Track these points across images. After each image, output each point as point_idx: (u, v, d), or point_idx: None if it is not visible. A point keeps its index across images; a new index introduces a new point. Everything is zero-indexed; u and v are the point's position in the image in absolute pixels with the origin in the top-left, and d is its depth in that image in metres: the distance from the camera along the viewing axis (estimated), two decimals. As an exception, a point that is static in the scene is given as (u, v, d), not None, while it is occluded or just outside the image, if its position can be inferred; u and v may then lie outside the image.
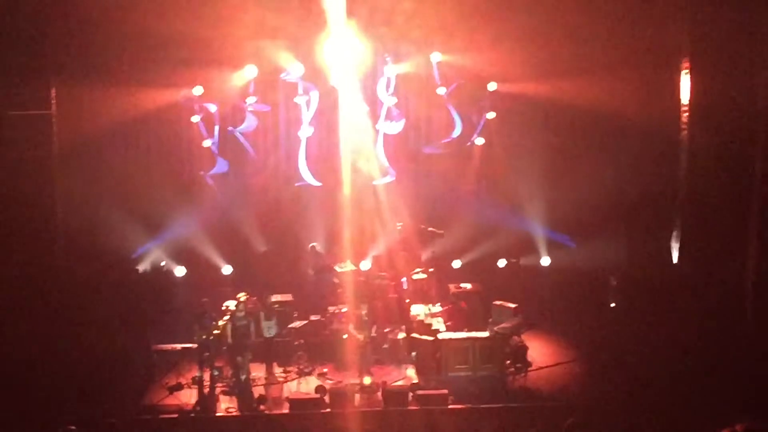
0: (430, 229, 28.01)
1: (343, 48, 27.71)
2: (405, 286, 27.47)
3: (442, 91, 29.70)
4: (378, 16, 27.27)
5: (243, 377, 23.13)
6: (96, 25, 25.71)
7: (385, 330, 25.24)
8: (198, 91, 28.74)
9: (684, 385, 21.58)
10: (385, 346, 24.98)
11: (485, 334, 24.28)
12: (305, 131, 29.61)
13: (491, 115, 30.10)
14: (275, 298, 25.96)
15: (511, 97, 29.56)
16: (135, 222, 28.30)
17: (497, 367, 23.56)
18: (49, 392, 21.47)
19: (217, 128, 29.35)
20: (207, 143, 29.16)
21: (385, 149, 29.80)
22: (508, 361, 23.89)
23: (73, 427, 13.95)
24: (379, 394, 22.35)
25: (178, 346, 23.66)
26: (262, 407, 21.90)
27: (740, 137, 24.62)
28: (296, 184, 29.92)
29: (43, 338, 23.99)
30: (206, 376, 22.61)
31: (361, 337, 23.67)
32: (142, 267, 29.42)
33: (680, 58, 26.81)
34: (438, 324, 25.18)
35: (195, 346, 22.96)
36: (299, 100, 29.51)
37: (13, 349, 23.17)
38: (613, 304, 28.12)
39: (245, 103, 29.27)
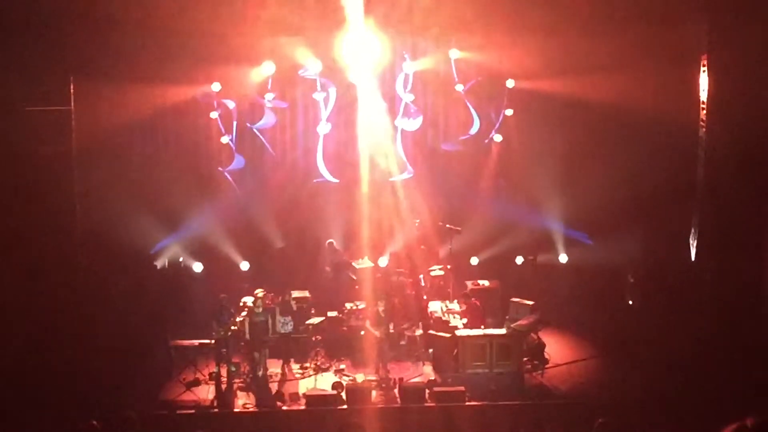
0: (447, 225, 28.03)
1: (361, 45, 27.75)
2: (422, 283, 27.50)
3: (460, 87, 29.69)
4: (396, 12, 27.21)
5: (260, 373, 23.25)
6: (115, 21, 25.72)
7: (403, 326, 25.27)
8: (216, 87, 28.81)
9: (701, 382, 21.55)
10: (403, 342, 25.05)
11: (502, 331, 24.28)
12: (323, 128, 29.65)
13: (509, 111, 30.07)
14: (293, 294, 25.95)
15: (530, 94, 29.49)
16: (153, 218, 28.33)
17: (514, 364, 23.56)
18: (68, 387, 21.53)
19: (235, 124, 29.40)
20: (225, 140, 29.22)
21: (403, 146, 29.82)
22: (526, 359, 23.92)
23: (96, 422, 13.97)
24: (396, 390, 22.39)
25: (196, 341, 23.65)
26: (279, 403, 21.96)
27: (758, 134, 24.55)
28: (314, 181, 29.97)
29: (61, 333, 24.07)
30: (223, 372, 22.69)
31: (378, 333, 23.67)
32: (161, 263, 29.52)
33: (699, 55, 26.73)
34: (455, 321, 25.17)
35: (212, 342, 23.04)
36: (317, 96, 29.54)
37: (32, 344, 23.26)
38: (630, 302, 28.09)
39: (263, 99, 29.31)
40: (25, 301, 24.49)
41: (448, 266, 27.93)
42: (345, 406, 21.59)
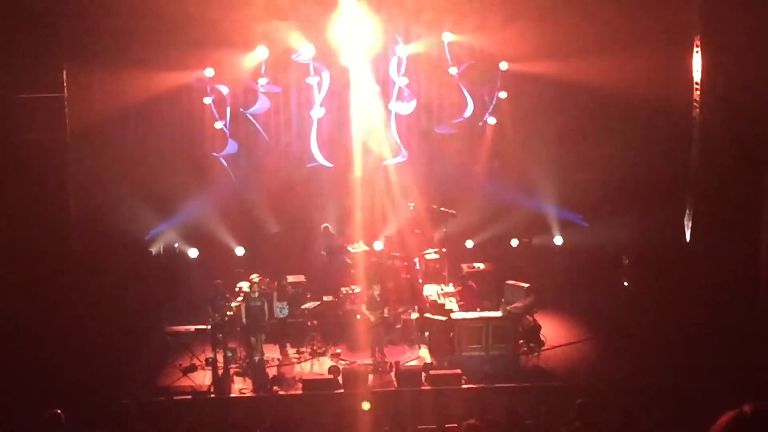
0: (442, 209, 28.02)
1: (354, 28, 27.72)
2: (417, 267, 27.54)
3: (453, 70, 29.70)
4: (389, -4, 27.27)
5: (257, 358, 23.30)
6: (107, 7, 25.71)
7: (398, 310, 25.32)
8: (209, 72, 28.79)
9: (696, 365, 21.60)
10: (398, 326, 25.10)
11: (498, 313, 24.33)
12: (317, 112, 29.64)
13: (503, 94, 30.10)
14: (288, 279, 25.97)
15: (523, 77, 29.53)
16: (147, 204, 28.36)
17: (510, 347, 23.67)
18: (64, 374, 21.52)
19: (228, 109, 29.37)
20: (218, 125, 29.20)
21: (396, 129, 29.82)
22: (521, 341, 23.99)
23: (59, 411, 13.98)
24: (392, 374, 22.45)
25: (192, 327, 23.66)
26: (275, 388, 21.98)
27: (753, 115, 24.53)
28: (308, 165, 29.97)
29: (56, 320, 24.07)
30: (220, 358, 22.65)
31: (373, 317, 23.72)
32: (155, 249, 29.52)
33: (692, 36, 26.73)
34: (451, 304, 25.21)
35: (208, 327, 23.00)
36: (311, 80, 29.52)
37: (26, 332, 23.26)
38: (625, 283, 28.13)
39: (257, 84, 29.29)
40: (20, 288, 24.46)
41: (443, 249, 27.96)
42: (342, 390, 21.61)
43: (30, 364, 21.84)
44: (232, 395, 21.84)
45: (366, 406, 20.33)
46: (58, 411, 13.86)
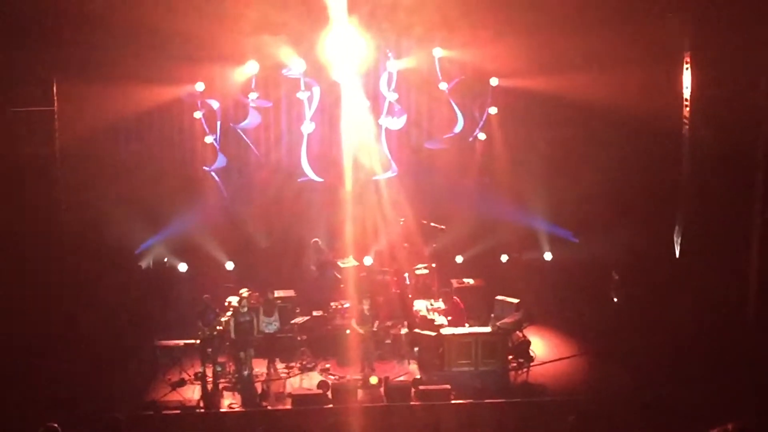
0: (432, 224, 28.15)
1: (345, 43, 27.68)
2: (407, 282, 27.54)
3: (444, 86, 29.74)
4: (379, 11, 27.21)
5: (246, 373, 23.27)
6: (98, 21, 25.64)
7: (388, 325, 25.33)
8: (200, 87, 28.80)
9: (685, 379, 21.62)
10: (388, 341, 25.10)
11: (488, 329, 24.31)
12: (307, 127, 29.64)
13: (493, 110, 30.13)
14: (278, 293, 25.96)
15: (513, 92, 29.59)
16: (138, 218, 28.30)
17: (500, 363, 23.65)
18: (52, 388, 21.50)
19: (219, 124, 29.37)
20: (209, 139, 29.18)
21: (387, 145, 29.82)
22: (511, 357, 23.99)
23: (56, 425, 13.91)
24: (382, 389, 22.42)
25: (181, 342, 23.68)
26: (264, 403, 21.97)
27: (741, 131, 24.60)
28: (298, 180, 29.95)
29: (46, 334, 24.05)
30: (209, 372, 22.70)
31: (363, 332, 23.69)
32: (145, 263, 29.49)
33: (682, 53, 26.80)
34: (440, 319, 25.22)
35: (198, 341, 23.04)
36: (301, 95, 29.52)
37: (17, 345, 23.23)
38: (615, 299, 28.14)
39: (247, 99, 29.29)
40: (10, 301, 24.43)
41: (433, 264, 28.03)
42: (331, 405, 21.59)
43: (20, 378, 21.82)
44: (221, 410, 21.78)
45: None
46: (55, 425, 13.83)
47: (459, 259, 30.30)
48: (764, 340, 23.36)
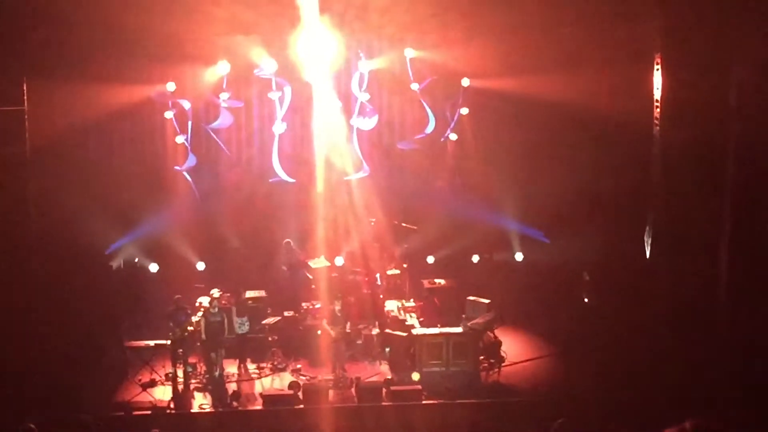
0: (403, 224, 28.20)
1: (317, 44, 27.63)
2: (379, 282, 27.55)
3: (415, 86, 29.77)
4: (351, 11, 27.19)
5: (217, 373, 23.24)
6: (68, 21, 25.54)
7: (359, 326, 25.40)
8: (171, 87, 28.69)
9: (654, 381, 21.69)
10: (359, 341, 25.15)
11: (459, 329, 24.29)
12: (278, 127, 29.59)
13: (465, 110, 30.20)
14: (249, 294, 25.92)
15: (485, 93, 29.64)
16: (108, 218, 28.15)
17: (471, 363, 23.59)
18: (21, 389, 21.38)
19: (190, 124, 29.27)
20: (180, 139, 29.06)
21: (358, 145, 29.80)
22: (482, 357, 23.98)
23: (33, 426, 13.85)
24: (353, 390, 22.41)
25: (152, 342, 23.55)
26: (235, 403, 21.91)
27: (712, 132, 24.64)
28: (270, 180, 29.89)
29: (15, 334, 23.88)
30: (180, 373, 22.60)
31: (334, 333, 23.67)
32: (116, 263, 29.36)
33: (652, 54, 26.86)
34: (411, 320, 25.22)
35: (168, 342, 22.94)
36: (272, 95, 29.48)
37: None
38: (586, 299, 28.23)
39: (218, 99, 29.21)
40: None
41: (405, 265, 28.03)
42: (302, 406, 21.57)
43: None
44: (192, 410, 21.76)
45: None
46: (32, 426, 13.78)
47: (430, 259, 30.33)
48: (733, 339, 23.47)
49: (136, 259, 29.52)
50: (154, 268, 29.47)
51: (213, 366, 23.26)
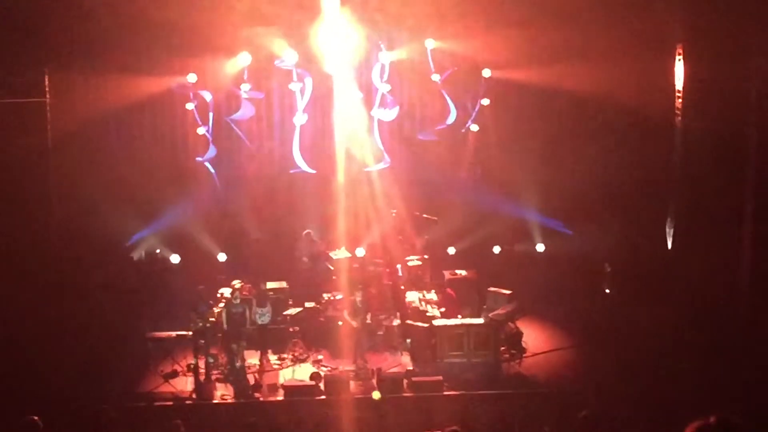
0: (424, 215, 28.14)
1: (337, 35, 27.64)
2: (400, 273, 27.50)
3: (436, 77, 29.67)
4: (372, 2, 27.26)
5: (238, 364, 23.20)
6: (90, 13, 25.61)
7: (380, 317, 25.30)
8: (192, 78, 28.69)
9: (676, 371, 21.63)
10: (380, 332, 25.05)
11: (480, 320, 24.28)
12: (299, 118, 29.54)
13: (486, 101, 30.09)
14: (270, 285, 25.93)
15: (506, 84, 29.53)
16: (129, 209, 28.22)
17: (492, 354, 23.57)
18: (44, 379, 21.45)
19: (211, 115, 29.29)
20: (201, 131, 29.08)
21: (379, 136, 29.77)
22: (503, 348, 23.95)
23: (36, 417, 13.88)
24: (374, 380, 22.41)
25: (173, 333, 23.61)
26: (257, 394, 21.97)
27: (734, 123, 24.55)
28: (291, 171, 29.87)
29: (36, 325, 23.97)
30: (201, 364, 22.65)
31: (355, 324, 23.67)
32: (137, 254, 29.42)
33: (674, 44, 26.79)
34: (432, 311, 25.20)
35: (190, 333, 23.00)
36: (293, 87, 29.43)
37: (7, 337, 23.16)
38: (607, 291, 28.13)
39: (239, 90, 29.22)
40: (0, 293, 24.37)
41: (425, 256, 27.99)
42: (323, 397, 21.60)
43: (9, 369, 21.74)
44: (213, 401, 21.80)
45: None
46: (35, 418, 13.79)
47: (451, 250, 30.27)
48: (756, 333, 23.37)
49: (158, 250, 29.53)
50: (175, 259, 29.49)
51: (234, 357, 23.23)
